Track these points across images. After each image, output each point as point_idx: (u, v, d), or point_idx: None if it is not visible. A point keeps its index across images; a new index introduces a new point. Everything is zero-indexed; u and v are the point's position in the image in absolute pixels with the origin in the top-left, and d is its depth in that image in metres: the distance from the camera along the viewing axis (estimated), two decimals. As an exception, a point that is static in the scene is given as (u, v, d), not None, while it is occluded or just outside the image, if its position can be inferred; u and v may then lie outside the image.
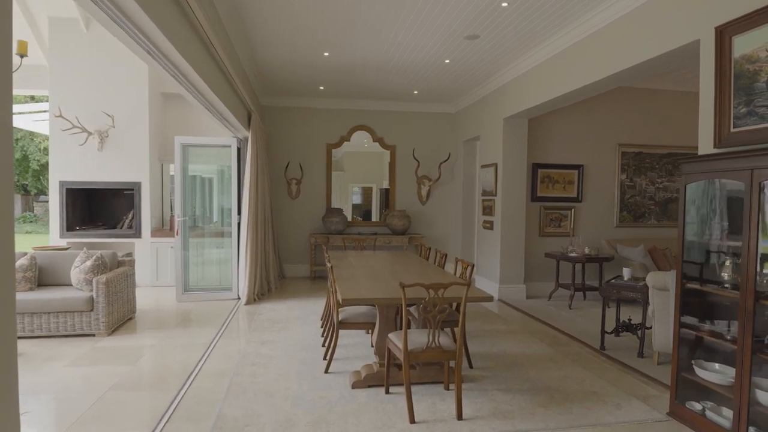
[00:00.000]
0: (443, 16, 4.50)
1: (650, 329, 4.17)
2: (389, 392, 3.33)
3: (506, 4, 4.18)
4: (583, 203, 7.09)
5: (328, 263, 4.12)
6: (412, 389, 3.10)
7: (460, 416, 2.96)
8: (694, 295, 3.07)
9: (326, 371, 3.71)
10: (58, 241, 6.70)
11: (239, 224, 6.40)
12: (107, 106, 6.74)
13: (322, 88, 7.38)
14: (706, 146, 3.08)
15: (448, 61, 5.88)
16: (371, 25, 4.77)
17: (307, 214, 8.31)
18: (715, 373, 2.86)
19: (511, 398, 3.29)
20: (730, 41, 2.91)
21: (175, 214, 6.34)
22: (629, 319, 4.63)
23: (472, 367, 3.88)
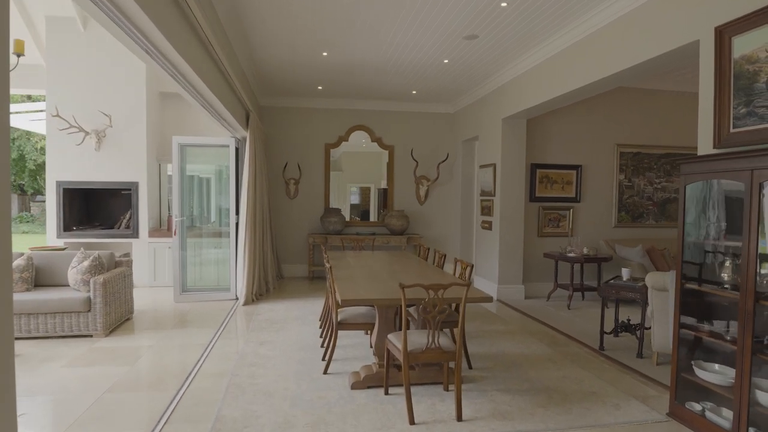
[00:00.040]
0: (442, 16, 4.49)
1: (649, 329, 4.17)
2: (388, 393, 3.32)
3: (505, 4, 4.18)
4: (581, 203, 7.09)
5: (327, 264, 4.11)
6: (411, 390, 3.09)
7: (459, 417, 2.95)
8: (693, 295, 3.07)
9: (325, 372, 3.70)
10: (55, 241, 6.67)
11: (237, 224, 6.38)
12: (104, 105, 6.71)
13: (320, 88, 7.36)
14: (705, 147, 3.08)
15: (446, 61, 5.88)
16: (370, 25, 4.76)
17: (305, 214, 8.29)
18: (714, 373, 2.86)
19: (510, 399, 3.28)
20: (729, 42, 2.91)
21: (172, 214, 6.32)
22: (628, 319, 4.63)
23: (471, 367, 3.88)
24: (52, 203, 6.71)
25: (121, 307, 4.97)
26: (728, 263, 2.81)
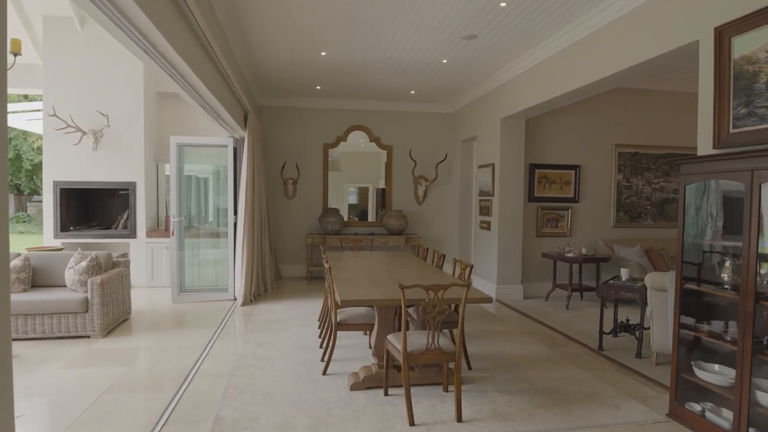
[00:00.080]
0: (441, 15, 4.48)
1: (648, 329, 4.17)
2: (388, 394, 3.30)
3: (505, 3, 4.17)
4: (580, 203, 7.10)
5: (326, 264, 4.10)
6: (411, 391, 3.07)
7: (459, 418, 2.94)
8: (693, 295, 3.07)
9: (324, 373, 3.69)
10: (52, 241, 6.64)
11: (235, 224, 6.36)
12: (102, 105, 6.68)
13: (319, 87, 7.35)
14: (705, 147, 3.08)
15: (445, 61, 5.87)
16: (369, 24, 4.74)
17: (303, 214, 8.27)
18: (714, 374, 2.86)
19: (510, 399, 3.28)
20: (729, 42, 2.91)
21: (170, 214, 6.29)
22: (627, 319, 4.63)
23: (470, 368, 3.87)
24: (49, 203, 6.68)
25: (118, 307, 4.94)
26: (728, 263, 2.81)
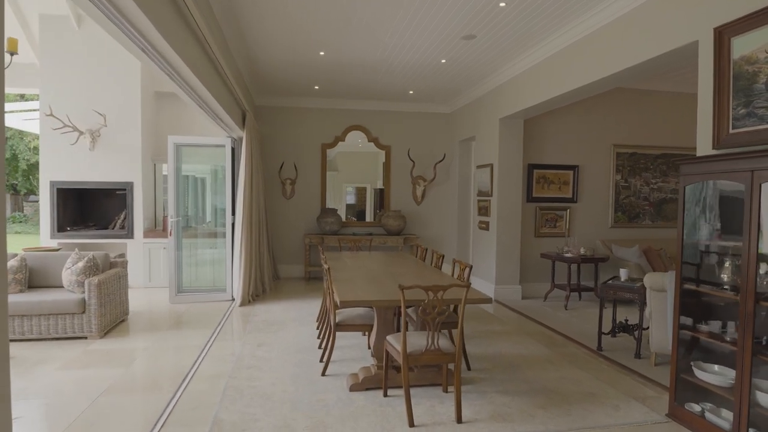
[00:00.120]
0: (440, 16, 4.47)
1: (647, 330, 4.17)
2: (387, 395, 3.29)
3: (504, 3, 4.17)
4: (578, 204, 7.10)
5: (324, 264, 4.08)
6: (410, 392, 3.06)
7: (459, 419, 2.93)
8: (693, 296, 3.06)
9: (323, 374, 3.67)
10: (48, 242, 6.60)
11: (233, 224, 6.34)
12: (99, 104, 6.65)
13: (317, 87, 7.33)
14: (704, 147, 3.08)
15: (444, 61, 5.86)
16: (367, 23, 4.73)
17: (301, 214, 8.25)
18: (714, 374, 2.85)
19: (509, 400, 3.27)
20: (729, 42, 2.91)
21: (168, 214, 6.26)
22: (626, 319, 4.63)
23: (469, 368, 3.86)
24: (45, 203, 6.64)
25: (116, 308, 4.92)
26: (728, 264, 2.81)
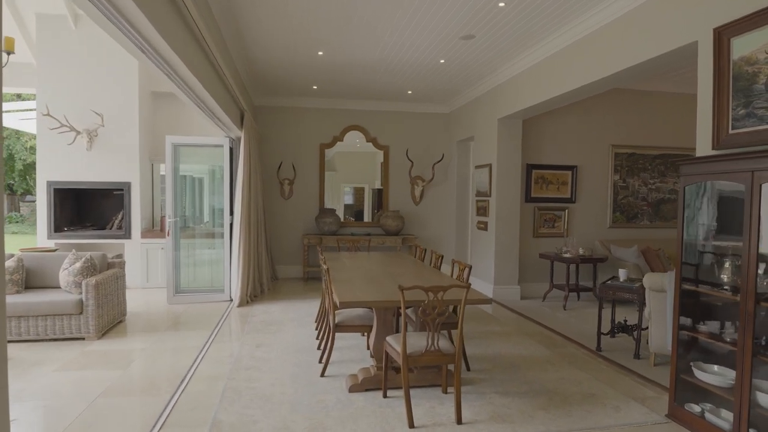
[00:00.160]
0: (439, 15, 4.46)
1: (646, 330, 4.17)
2: (387, 396, 3.28)
3: (503, 3, 4.16)
4: (576, 204, 7.10)
5: (324, 265, 4.06)
6: (410, 393, 3.05)
7: (459, 420, 2.92)
8: (692, 296, 3.06)
9: (322, 375, 3.66)
10: (45, 242, 6.57)
11: (231, 225, 6.32)
12: (96, 104, 6.61)
13: (315, 87, 7.31)
14: (704, 148, 3.08)
15: (443, 61, 5.86)
16: (366, 23, 4.72)
17: (299, 214, 8.24)
18: (714, 375, 2.85)
19: (509, 401, 3.26)
20: (728, 43, 2.91)
21: (165, 214, 6.24)
22: (625, 320, 4.63)
23: (469, 369, 3.85)
24: (42, 203, 6.61)
25: (113, 309, 4.89)
26: (728, 264, 2.81)
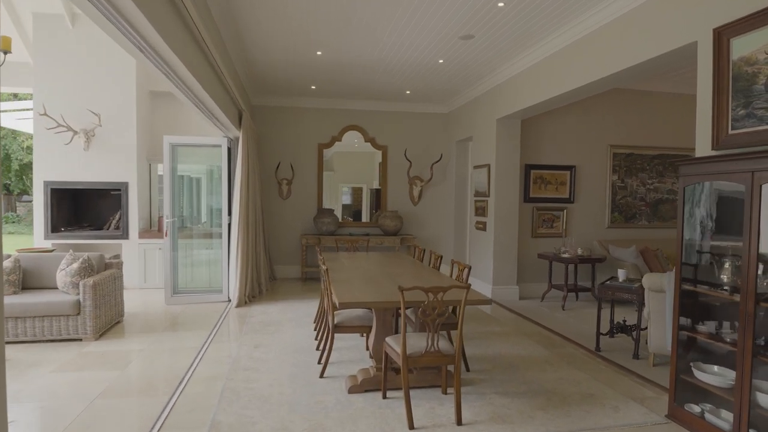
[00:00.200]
0: (438, 15, 4.45)
1: (645, 330, 4.17)
2: (387, 397, 3.27)
3: (503, 3, 4.15)
4: (575, 204, 7.10)
5: (323, 266, 4.05)
6: (409, 393, 3.04)
7: (459, 421, 2.92)
8: (692, 297, 3.06)
9: (321, 375, 3.64)
10: (42, 242, 6.54)
11: (230, 225, 6.30)
12: (93, 104, 6.58)
13: (313, 87, 7.30)
14: (703, 148, 3.08)
15: (441, 61, 5.85)
16: (365, 23, 4.71)
17: (298, 214, 8.22)
18: (714, 375, 2.85)
19: (509, 402, 3.26)
20: (728, 43, 2.91)
21: (163, 214, 6.22)
22: (624, 320, 4.63)
23: (468, 370, 3.84)
24: (39, 204, 6.58)
25: (111, 310, 4.87)
26: (727, 265, 2.81)
